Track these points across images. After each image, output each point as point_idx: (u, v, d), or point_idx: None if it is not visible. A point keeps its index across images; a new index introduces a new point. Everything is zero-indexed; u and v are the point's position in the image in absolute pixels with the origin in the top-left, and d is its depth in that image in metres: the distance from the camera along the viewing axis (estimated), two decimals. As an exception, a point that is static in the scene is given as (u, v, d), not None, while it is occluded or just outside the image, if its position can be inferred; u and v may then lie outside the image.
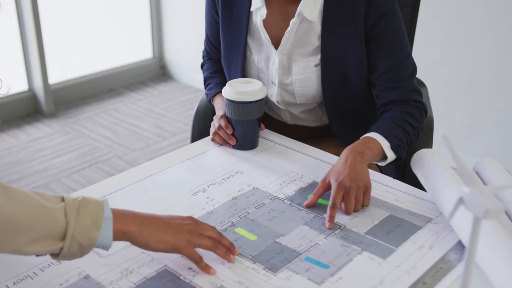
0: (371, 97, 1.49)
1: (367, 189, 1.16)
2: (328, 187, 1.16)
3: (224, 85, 1.53)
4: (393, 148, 1.27)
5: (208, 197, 1.20)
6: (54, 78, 3.52)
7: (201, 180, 1.27)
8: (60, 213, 0.88)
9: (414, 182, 1.31)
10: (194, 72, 3.84)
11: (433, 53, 2.74)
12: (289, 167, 1.33)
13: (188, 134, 3.22)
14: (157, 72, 4.06)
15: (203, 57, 1.67)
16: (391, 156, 1.27)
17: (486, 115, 2.70)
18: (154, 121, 3.38)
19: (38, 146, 3.07)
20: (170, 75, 4.05)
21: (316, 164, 1.34)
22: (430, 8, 2.50)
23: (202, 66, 1.67)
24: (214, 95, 1.56)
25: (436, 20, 2.69)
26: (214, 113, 1.64)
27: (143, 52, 4.03)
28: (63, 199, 0.92)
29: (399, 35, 1.37)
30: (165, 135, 3.21)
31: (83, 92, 3.67)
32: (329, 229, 1.09)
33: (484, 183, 1.19)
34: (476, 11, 2.59)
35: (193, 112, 3.60)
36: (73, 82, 3.63)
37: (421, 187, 1.26)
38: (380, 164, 1.31)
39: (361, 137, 1.28)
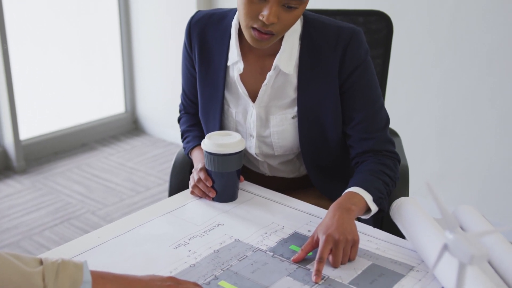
0: (347, 148, 1.51)
1: (355, 242, 1.16)
2: (316, 244, 1.16)
3: (202, 138, 1.54)
4: (375, 200, 1.29)
5: (190, 250, 1.19)
6: (25, 133, 3.49)
7: (182, 233, 1.26)
8: (38, 277, 0.87)
9: (393, 230, 1.33)
10: (167, 126, 3.85)
11: (404, 103, 2.81)
12: (270, 218, 1.33)
13: (162, 188, 3.20)
14: (129, 126, 4.06)
15: (180, 111, 1.69)
16: (374, 208, 1.29)
17: (456, 163, 2.76)
18: (127, 176, 3.35)
19: (8, 203, 3.01)
20: (143, 129, 4.05)
21: (296, 214, 1.35)
22: (400, 60, 2.58)
23: (179, 120, 1.68)
24: (192, 148, 1.57)
25: (406, 71, 2.77)
26: (191, 166, 1.64)
27: (115, 106, 4.03)
28: (41, 262, 0.90)
29: (372, 87, 1.41)
30: (138, 190, 3.18)
31: (55, 147, 3.64)
32: (315, 283, 1.09)
33: (463, 230, 1.21)
34: (444, 63, 2.68)
35: (166, 166, 3.58)
36: (44, 137, 3.60)
37: (400, 235, 1.28)
38: (364, 217, 1.32)
39: (344, 193, 1.30)
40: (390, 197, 1.41)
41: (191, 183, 1.43)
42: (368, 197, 1.28)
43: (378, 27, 1.79)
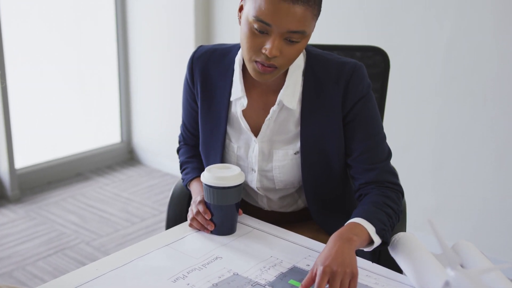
0: (348, 181, 1.52)
1: (353, 276, 1.15)
2: (316, 277, 1.15)
3: (200, 169, 1.55)
4: (378, 232, 1.28)
5: (188, 284, 1.19)
6: (20, 162, 3.48)
7: (181, 266, 1.26)
8: None
9: (391, 264, 1.32)
10: (162, 156, 3.86)
11: (400, 137, 2.82)
12: (268, 252, 1.33)
13: (157, 218, 3.19)
14: (125, 156, 4.06)
15: (179, 142, 1.69)
16: (377, 240, 1.28)
17: (452, 198, 2.77)
18: (122, 206, 3.34)
19: (1, 232, 2.98)
20: (138, 160, 4.05)
21: (295, 248, 1.35)
22: (396, 94, 2.60)
23: (178, 151, 1.69)
24: (191, 180, 1.57)
25: (402, 106, 2.80)
26: (189, 198, 1.64)
27: (111, 136, 4.04)
28: None
29: (374, 120, 1.43)
30: (133, 220, 3.17)
31: (50, 177, 3.63)
32: None
33: (462, 266, 1.21)
34: (439, 98, 2.71)
35: (161, 197, 3.57)
36: (39, 166, 3.60)
37: (398, 270, 1.27)
38: (366, 249, 1.31)
39: (346, 223, 1.29)
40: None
41: (190, 215, 1.43)
42: (371, 229, 1.27)
43: (375, 62, 1.82)
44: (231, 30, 3.43)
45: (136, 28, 3.79)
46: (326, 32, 2.89)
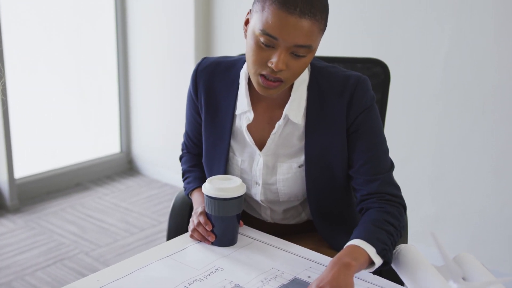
0: (352, 194, 1.52)
1: None
2: None
3: (202, 179, 1.55)
4: (379, 253, 1.24)
5: (189, 295, 1.19)
6: (20, 172, 3.48)
7: (182, 277, 1.26)
8: None
9: (392, 276, 1.32)
10: (162, 166, 3.86)
11: (400, 148, 2.83)
12: (270, 263, 1.33)
13: (156, 229, 3.19)
14: (124, 166, 4.06)
15: (182, 150, 1.69)
16: (378, 261, 1.24)
17: (451, 208, 2.77)
18: (122, 216, 3.34)
19: (0, 242, 2.98)
20: (138, 170, 4.05)
21: (296, 260, 1.35)
22: (395, 105, 2.61)
23: (180, 159, 1.69)
24: (192, 190, 1.57)
25: (401, 116, 2.81)
26: (190, 208, 1.64)
27: (110, 146, 4.04)
28: None
29: (377, 132, 1.43)
30: (132, 231, 3.16)
31: (49, 187, 3.63)
32: None
33: (463, 279, 1.21)
34: (438, 108, 2.72)
35: (161, 207, 3.56)
36: (39, 176, 3.59)
37: (399, 282, 1.27)
38: (368, 271, 1.27)
39: (345, 246, 1.25)
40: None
41: (191, 226, 1.43)
42: (371, 250, 1.23)
43: (375, 73, 1.82)
44: (231, 40, 3.44)
45: (136, 37, 3.81)
46: (326, 43, 2.90)
